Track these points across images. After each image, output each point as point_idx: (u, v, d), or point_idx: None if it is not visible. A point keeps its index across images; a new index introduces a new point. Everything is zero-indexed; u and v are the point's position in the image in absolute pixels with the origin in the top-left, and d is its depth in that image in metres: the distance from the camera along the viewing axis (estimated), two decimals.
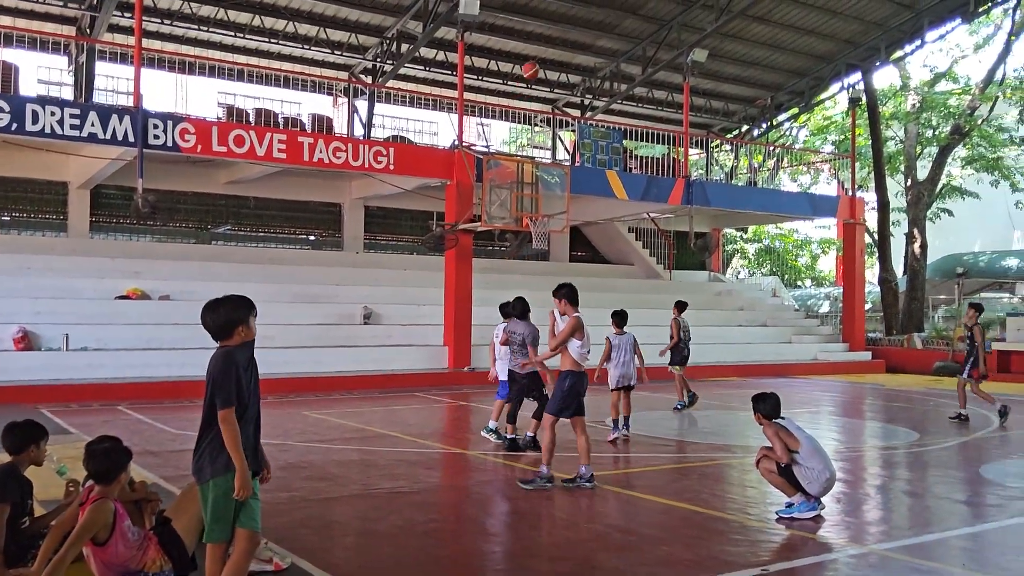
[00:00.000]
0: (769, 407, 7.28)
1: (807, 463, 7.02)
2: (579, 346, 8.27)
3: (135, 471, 7.25)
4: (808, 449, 7.09)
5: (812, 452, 7.10)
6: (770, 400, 7.31)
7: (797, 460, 7.04)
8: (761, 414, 7.30)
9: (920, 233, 28.21)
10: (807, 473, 7.00)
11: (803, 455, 7.05)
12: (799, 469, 7.02)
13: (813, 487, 6.98)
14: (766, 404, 7.29)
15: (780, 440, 7.09)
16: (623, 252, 28.48)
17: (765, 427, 7.28)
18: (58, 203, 20.23)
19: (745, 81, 28.07)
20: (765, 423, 7.28)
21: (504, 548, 6.14)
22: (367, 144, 18.76)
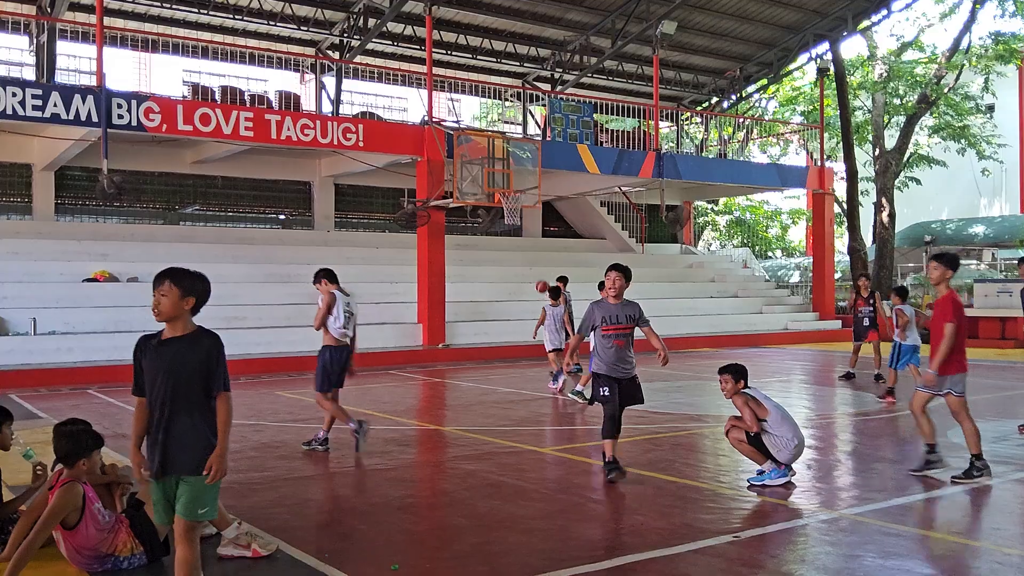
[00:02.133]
0: (737, 377, 7.33)
1: (776, 431, 7.10)
2: (332, 320, 8.81)
3: (107, 455, 7.20)
4: (776, 417, 7.16)
5: (781, 420, 7.18)
6: (738, 370, 7.36)
7: (766, 428, 7.11)
8: (729, 384, 7.33)
9: (888, 202, 28.46)
10: (776, 441, 7.07)
11: (772, 423, 7.13)
12: (768, 437, 7.10)
13: (783, 455, 7.06)
14: (734, 375, 7.34)
15: (749, 409, 7.16)
16: (595, 226, 28.51)
17: (734, 398, 7.33)
18: (22, 185, 19.91)
19: (714, 53, 28.06)
20: (733, 394, 7.32)
21: (479, 521, 6.16)
22: (335, 121, 18.58)
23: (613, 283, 7.51)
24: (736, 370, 7.39)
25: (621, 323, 7.47)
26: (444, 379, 15.68)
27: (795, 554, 5.38)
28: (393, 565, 5.10)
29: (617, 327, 7.46)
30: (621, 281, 7.54)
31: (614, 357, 7.40)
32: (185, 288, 4.28)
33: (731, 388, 7.34)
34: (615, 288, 7.51)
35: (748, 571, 5.02)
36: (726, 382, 7.37)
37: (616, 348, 7.40)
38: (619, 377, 7.38)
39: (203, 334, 4.25)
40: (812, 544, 5.60)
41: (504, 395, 13.61)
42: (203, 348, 4.19)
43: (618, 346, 7.41)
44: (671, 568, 5.09)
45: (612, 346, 7.40)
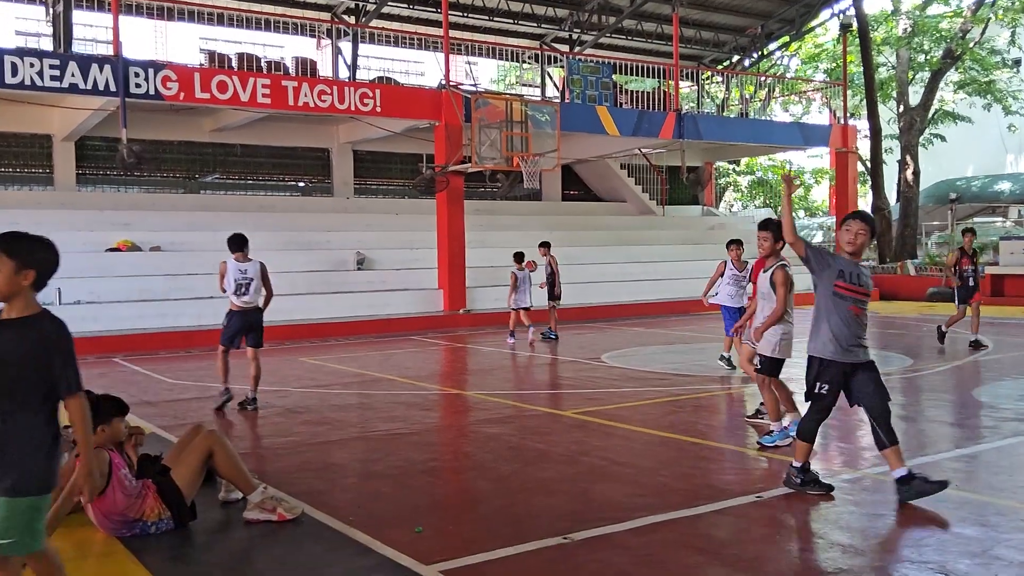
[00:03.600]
0: (778, 236, 7.08)
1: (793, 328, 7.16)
2: (227, 287, 9.41)
3: (134, 422, 7.28)
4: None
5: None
6: (780, 228, 6.65)
7: (788, 320, 7.10)
8: (768, 243, 7.16)
9: (913, 160, 28.08)
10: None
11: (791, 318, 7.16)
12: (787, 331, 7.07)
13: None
14: (775, 232, 7.10)
15: (785, 290, 7.08)
16: (615, 189, 28.33)
17: (776, 271, 7.13)
18: (43, 156, 20.00)
19: (735, 10, 27.62)
20: (769, 254, 7.21)
21: (502, 484, 6.19)
22: (352, 86, 18.48)
23: (855, 237, 5.66)
24: (778, 228, 7.06)
25: (863, 286, 5.67)
26: (465, 344, 15.72)
27: (818, 514, 5.37)
28: (417, 528, 5.14)
29: (857, 289, 5.63)
30: (865, 236, 5.68)
31: (849, 329, 5.59)
32: (22, 258, 3.44)
33: (769, 248, 7.18)
34: (856, 244, 5.67)
35: (771, 531, 5.02)
36: (765, 240, 7.18)
37: (853, 316, 5.59)
38: (848, 362, 5.64)
39: (44, 318, 3.42)
40: (835, 504, 5.58)
41: (525, 359, 13.64)
42: (38, 336, 3.36)
43: (855, 314, 5.60)
44: (694, 528, 5.10)
45: (849, 312, 5.57)
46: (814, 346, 5.69)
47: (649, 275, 22.43)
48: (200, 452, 5.33)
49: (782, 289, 7.05)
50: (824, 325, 5.62)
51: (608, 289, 21.34)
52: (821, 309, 5.65)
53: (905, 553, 4.62)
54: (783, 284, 7.06)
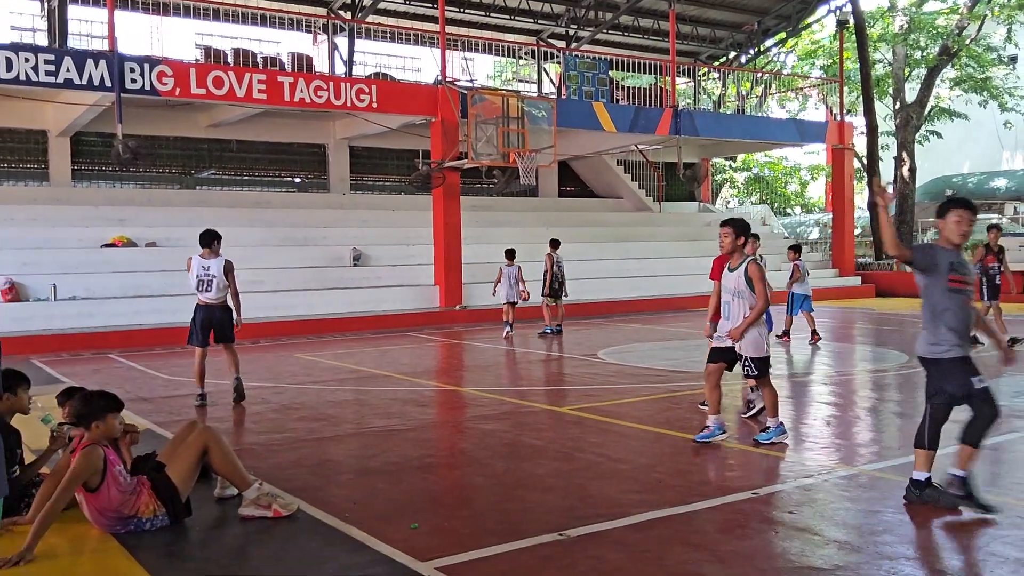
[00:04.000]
0: (739, 233, 6.92)
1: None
2: (192, 283, 9.46)
3: (129, 418, 7.26)
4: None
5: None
6: (742, 226, 6.93)
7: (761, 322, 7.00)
8: (729, 240, 6.93)
9: (909, 156, 28.09)
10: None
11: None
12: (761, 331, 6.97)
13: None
14: (737, 228, 6.92)
15: (763, 285, 6.89)
16: (612, 185, 28.32)
17: (749, 265, 6.90)
18: (38, 152, 19.95)
19: (731, 6, 27.60)
20: (733, 251, 6.96)
21: (497, 480, 6.18)
22: (349, 82, 18.45)
23: (969, 227, 5.31)
24: (740, 225, 6.95)
25: (969, 275, 5.37)
26: (461, 340, 15.71)
27: (814, 510, 5.37)
28: (413, 524, 5.13)
29: (967, 280, 5.33)
30: (972, 225, 5.34)
31: (963, 323, 5.29)
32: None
33: (730, 244, 6.94)
34: (968, 235, 5.32)
35: (767, 527, 5.02)
36: (726, 236, 6.94)
37: (965, 308, 5.29)
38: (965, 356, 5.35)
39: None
40: (831, 500, 5.58)
41: (521, 355, 13.64)
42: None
43: (966, 306, 5.31)
44: (690, 525, 5.09)
45: (963, 305, 5.28)
46: (936, 348, 5.28)
47: (645, 272, 22.45)
48: (195, 448, 5.32)
49: (761, 284, 6.85)
50: (941, 325, 5.24)
51: (605, 285, 21.34)
52: (936, 308, 5.26)
53: (901, 550, 4.62)
54: (761, 279, 6.86)
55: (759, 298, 6.83)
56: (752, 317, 6.82)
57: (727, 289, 7.02)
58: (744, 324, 6.82)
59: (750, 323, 6.82)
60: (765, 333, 7.04)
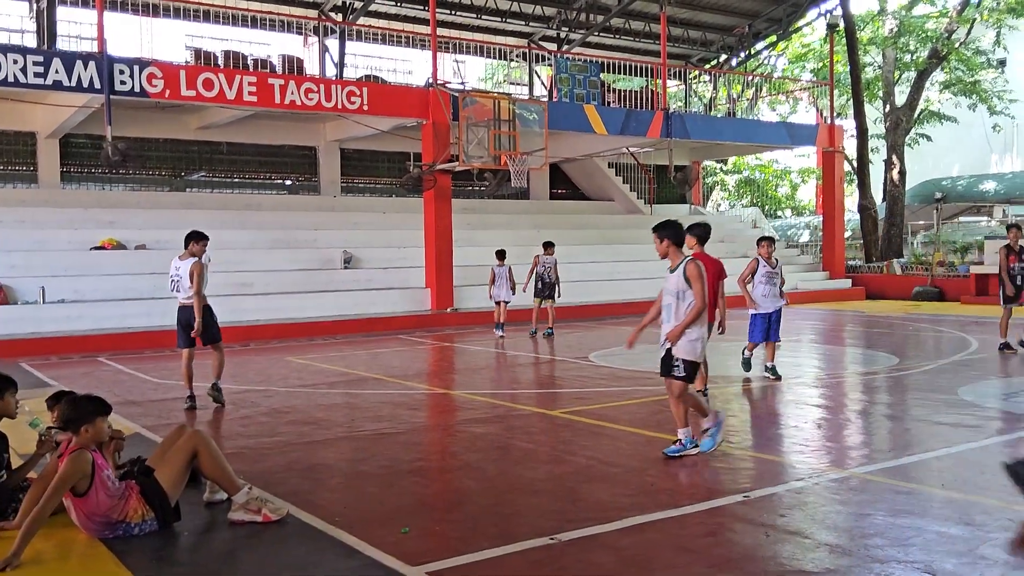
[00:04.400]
0: (663, 236, 6.83)
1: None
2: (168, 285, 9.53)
3: (118, 422, 7.22)
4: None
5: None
6: (671, 228, 6.87)
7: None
8: (664, 244, 6.84)
9: (899, 159, 28.20)
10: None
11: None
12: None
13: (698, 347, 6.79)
14: (661, 232, 6.83)
15: (702, 284, 6.70)
16: (603, 188, 28.34)
17: (688, 265, 6.72)
18: (27, 154, 19.85)
19: (723, 9, 27.67)
20: (667, 255, 6.86)
21: (489, 484, 6.17)
22: (340, 84, 18.41)
23: None
24: (667, 228, 6.84)
25: None
26: (453, 343, 15.69)
27: (805, 513, 5.37)
28: (403, 528, 5.11)
29: None
30: None
31: None
32: None
33: (664, 250, 6.85)
34: None
35: (759, 530, 5.02)
36: (657, 241, 6.87)
37: None
38: None
39: None
40: (822, 503, 5.59)
41: (512, 358, 13.62)
42: None
43: None
44: (681, 528, 5.09)
45: None
46: None
47: (637, 274, 22.46)
48: (185, 452, 5.29)
49: (699, 283, 6.68)
50: None
51: (595, 288, 21.35)
52: None
53: (891, 553, 4.62)
54: (699, 278, 6.69)
55: (696, 298, 6.66)
56: (689, 318, 6.65)
57: (668, 291, 6.87)
58: (681, 325, 6.68)
59: (687, 324, 6.66)
60: (704, 337, 6.87)
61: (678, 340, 6.70)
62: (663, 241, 6.82)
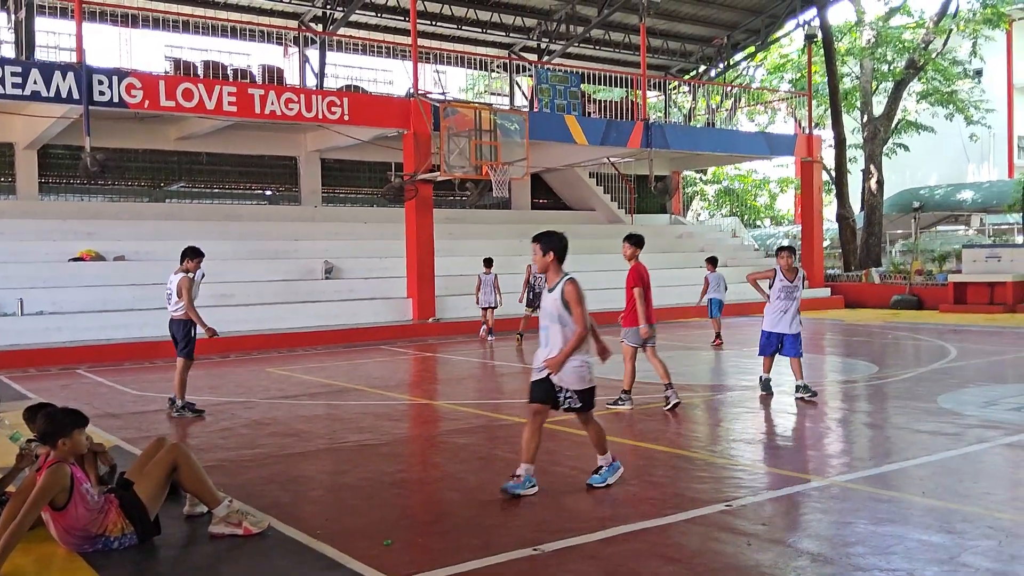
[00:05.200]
0: (547, 248, 6.08)
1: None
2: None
3: (98, 435, 7.16)
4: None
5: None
6: (551, 240, 6.12)
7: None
8: (538, 256, 6.10)
9: (877, 169, 28.45)
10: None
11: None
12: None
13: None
14: (543, 243, 6.10)
15: (583, 305, 6.02)
16: (584, 198, 28.42)
17: (567, 285, 6.03)
18: (5, 165, 19.70)
19: (701, 20, 27.87)
20: (567, 278, 6.08)
21: (471, 495, 6.15)
22: (320, 95, 18.39)
23: None
24: (548, 239, 6.11)
25: None
26: (435, 353, 15.66)
27: (787, 521, 5.39)
28: (386, 541, 5.08)
29: None
30: None
31: None
32: None
33: (543, 263, 6.09)
34: None
35: (741, 539, 5.03)
36: (535, 252, 6.12)
37: None
38: None
39: None
40: (804, 511, 5.61)
41: (495, 368, 13.61)
42: None
43: None
44: (664, 538, 5.09)
45: None
46: None
47: (618, 284, 22.34)
48: (164, 465, 5.25)
49: (579, 307, 6.00)
50: None
51: None
52: None
53: (873, 561, 4.64)
54: (579, 301, 6.01)
55: (577, 323, 5.97)
56: (571, 346, 5.94)
57: (545, 313, 6.14)
58: (562, 354, 5.95)
59: (569, 352, 5.95)
60: (590, 362, 6.15)
61: (559, 370, 5.97)
62: (547, 254, 6.08)
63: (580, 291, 6.04)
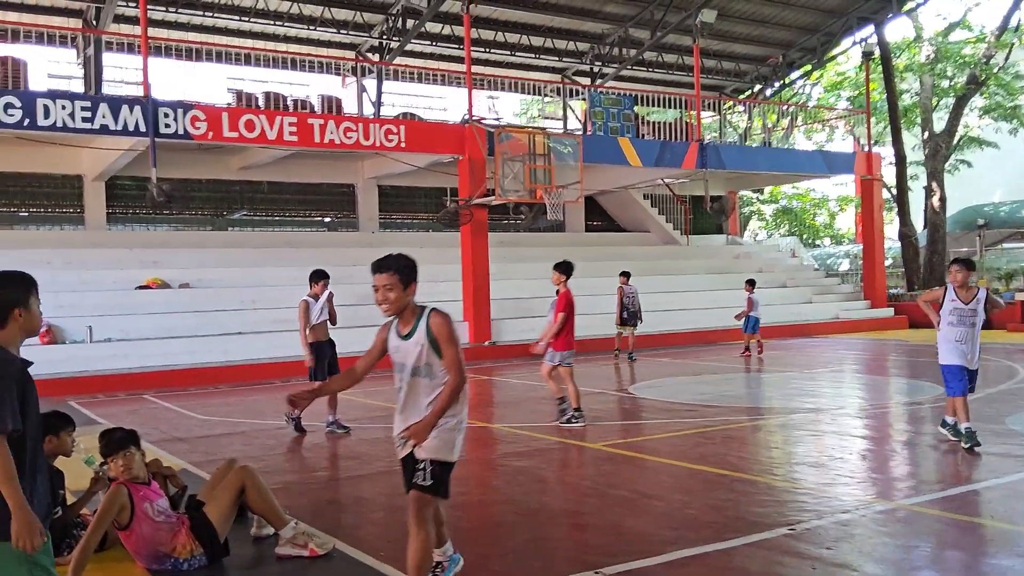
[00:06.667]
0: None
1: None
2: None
3: (166, 458, 7.35)
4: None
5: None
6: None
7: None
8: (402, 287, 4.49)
9: (939, 186, 27.91)
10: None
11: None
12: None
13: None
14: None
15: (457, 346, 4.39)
16: (639, 219, 28.35)
17: (434, 317, 4.41)
18: (74, 196, 20.34)
19: (756, 40, 27.74)
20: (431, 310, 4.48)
21: (531, 517, 6.17)
22: (377, 123, 18.70)
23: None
24: (403, 267, 4.56)
25: None
26: (491, 376, 15.72)
27: (852, 546, 5.31)
28: None
29: None
30: None
31: None
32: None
33: (396, 300, 4.42)
34: None
35: (806, 563, 4.97)
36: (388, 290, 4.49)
37: None
38: None
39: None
40: (869, 535, 5.52)
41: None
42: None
43: None
44: (726, 562, 5.05)
45: None
46: None
47: (674, 305, 22.36)
48: (232, 488, 5.37)
49: (452, 346, 4.30)
50: None
51: None
52: None
53: None
54: (451, 338, 4.31)
55: (451, 369, 4.29)
56: (444, 401, 4.26)
57: (400, 366, 4.44)
58: (432, 415, 4.26)
59: (441, 412, 4.27)
60: (464, 421, 4.46)
61: (425, 437, 4.27)
62: (408, 287, 4.48)
63: (452, 325, 4.38)
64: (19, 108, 14.96)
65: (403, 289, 4.47)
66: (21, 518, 3.14)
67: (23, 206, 19.98)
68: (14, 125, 15.02)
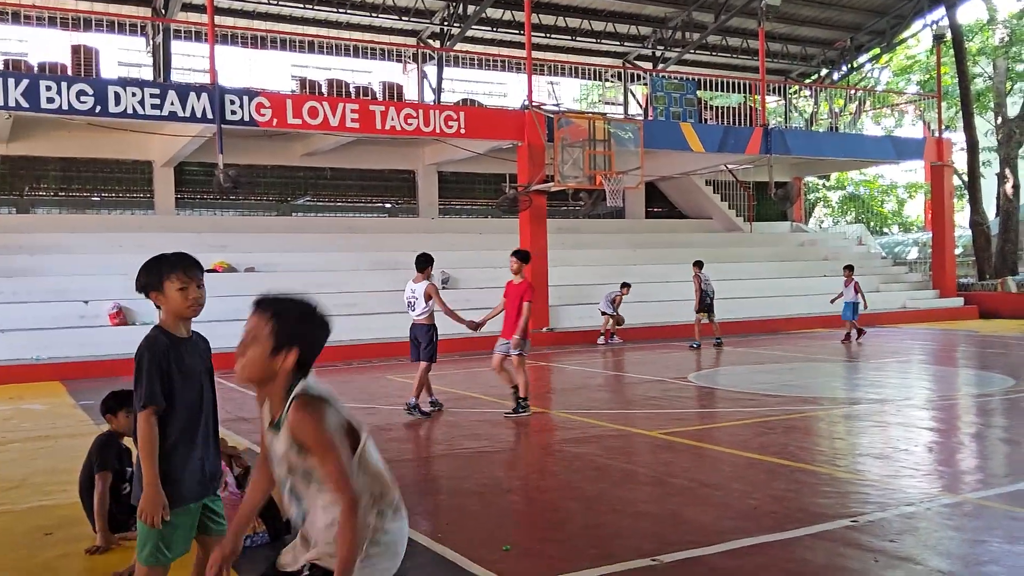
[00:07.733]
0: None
1: None
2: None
3: (231, 438, 7.51)
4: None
5: None
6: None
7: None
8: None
9: (1012, 173, 27.05)
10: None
11: None
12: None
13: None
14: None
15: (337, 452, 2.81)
16: (701, 206, 28.04)
17: (295, 413, 2.74)
18: (144, 182, 20.86)
19: (822, 23, 27.15)
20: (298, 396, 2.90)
21: (588, 504, 6.17)
22: (438, 109, 18.78)
23: None
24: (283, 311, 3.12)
25: None
26: (549, 362, 15.73)
27: (917, 539, 5.20)
28: (505, 546, 5.16)
29: None
30: None
31: None
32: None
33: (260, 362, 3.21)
34: None
35: (868, 555, 4.89)
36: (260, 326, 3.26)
37: None
38: None
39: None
40: (934, 529, 5.40)
41: (610, 378, 13.57)
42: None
43: None
44: (787, 552, 4.99)
45: None
46: None
47: (737, 293, 22.09)
48: None
49: (329, 456, 2.73)
50: None
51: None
52: None
53: None
54: (324, 445, 2.72)
55: (338, 488, 2.70)
56: (346, 548, 2.68)
57: (278, 461, 2.87)
58: (343, 562, 2.67)
59: (351, 561, 2.69)
60: (403, 539, 3.04)
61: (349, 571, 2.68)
62: (279, 352, 2.93)
63: (322, 421, 2.74)
64: (91, 95, 15.36)
65: (271, 349, 2.88)
66: (150, 494, 3.41)
67: (95, 191, 20.57)
68: (87, 112, 15.44)
